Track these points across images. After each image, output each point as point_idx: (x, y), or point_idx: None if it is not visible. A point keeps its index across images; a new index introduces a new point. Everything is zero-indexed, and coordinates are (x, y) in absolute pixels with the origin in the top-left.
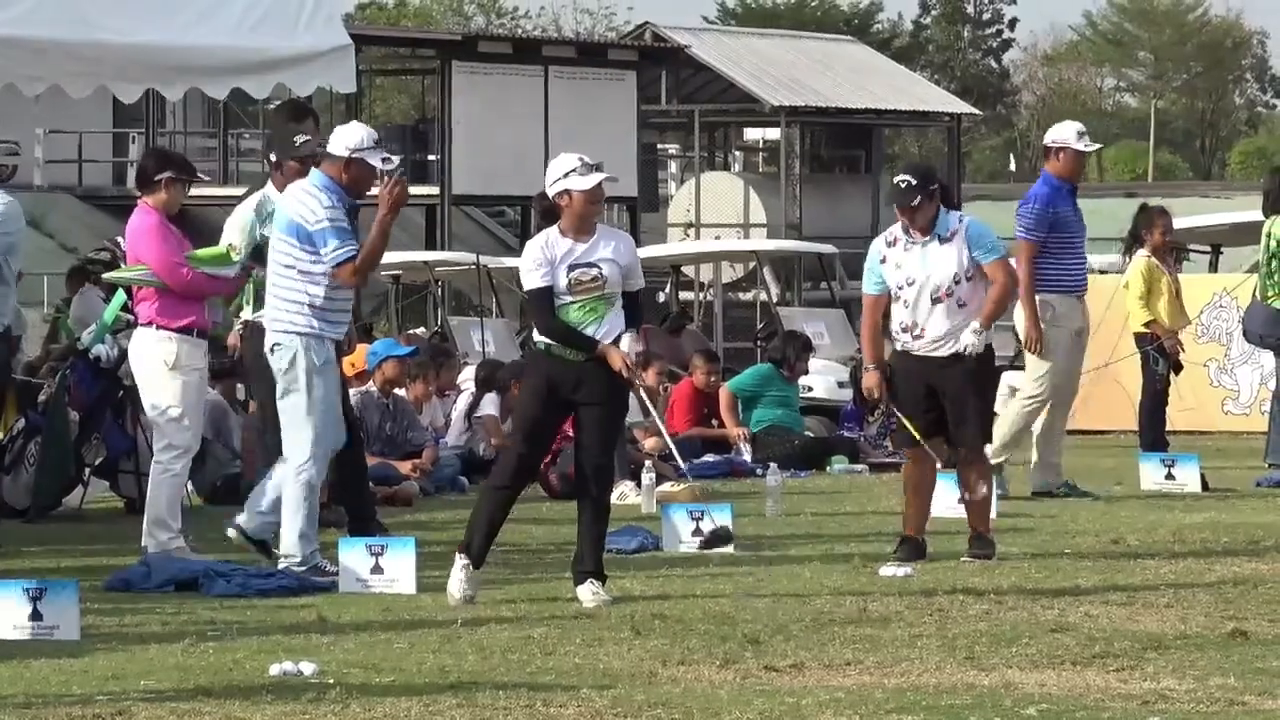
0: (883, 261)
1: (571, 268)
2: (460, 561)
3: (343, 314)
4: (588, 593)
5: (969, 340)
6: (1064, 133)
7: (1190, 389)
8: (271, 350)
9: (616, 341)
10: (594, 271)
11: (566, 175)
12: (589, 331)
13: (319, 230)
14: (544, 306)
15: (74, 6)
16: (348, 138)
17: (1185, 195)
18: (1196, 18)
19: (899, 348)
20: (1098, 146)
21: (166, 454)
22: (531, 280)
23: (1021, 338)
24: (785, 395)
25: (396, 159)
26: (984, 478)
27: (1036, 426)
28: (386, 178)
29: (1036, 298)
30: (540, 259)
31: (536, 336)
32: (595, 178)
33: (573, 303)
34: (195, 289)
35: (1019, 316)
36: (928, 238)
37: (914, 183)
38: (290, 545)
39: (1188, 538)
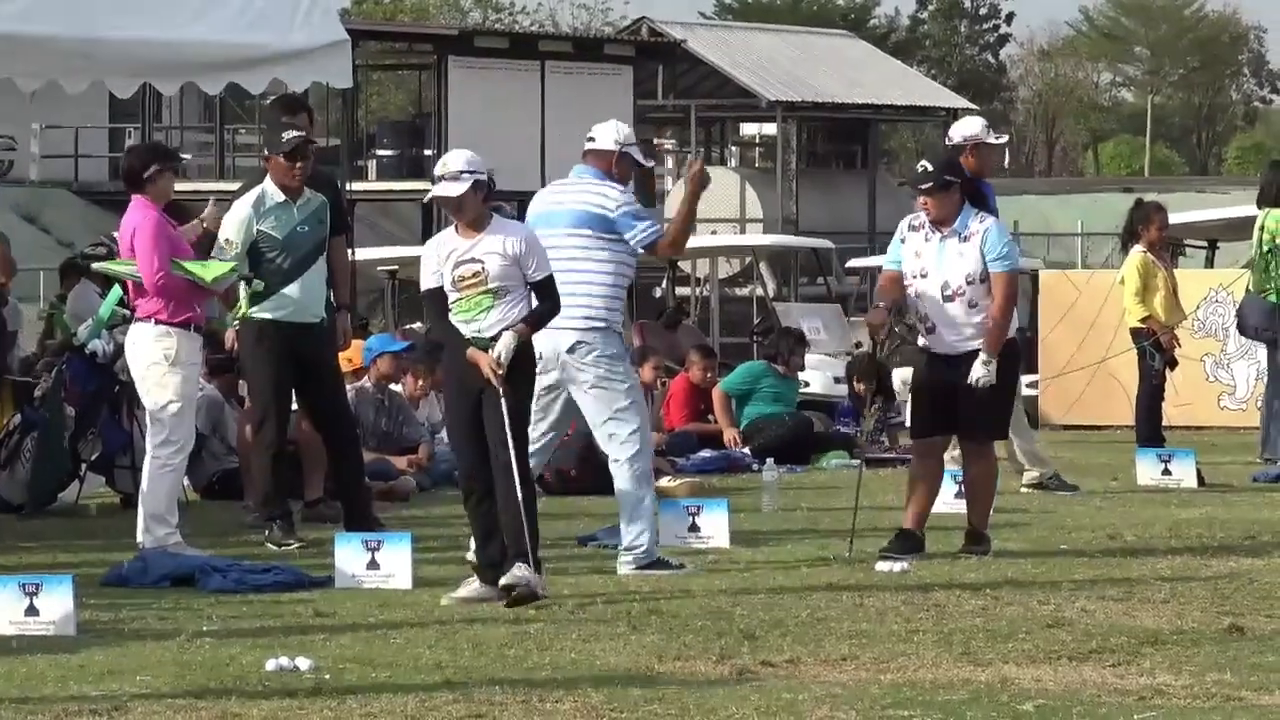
0: (903, 241)
1: (456, 264)
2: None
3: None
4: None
5: (979, 373)
6: (971, 127)
7: (1186, 384)
8: (572, 349)
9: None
10: (476, 266)
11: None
12: (475, 325)
13: (621, 215)
14: (431, 308)
15: (71, 2)
16: (615, 132)
17: (1181, 190)
18: (1193, 12)
19: (920, 344)
20: (1005, 139)
21: (164, 449)
22: (424, 281)
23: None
24: (779, 390)
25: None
26: (986, 475)
27: None
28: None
29: None
30: (431, 259)
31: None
32: (441, 188)
33: (459, 299)
34: (171, 293)
35: None
36: (947, 232)
37: (930, 169)
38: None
39: (1184, 533)
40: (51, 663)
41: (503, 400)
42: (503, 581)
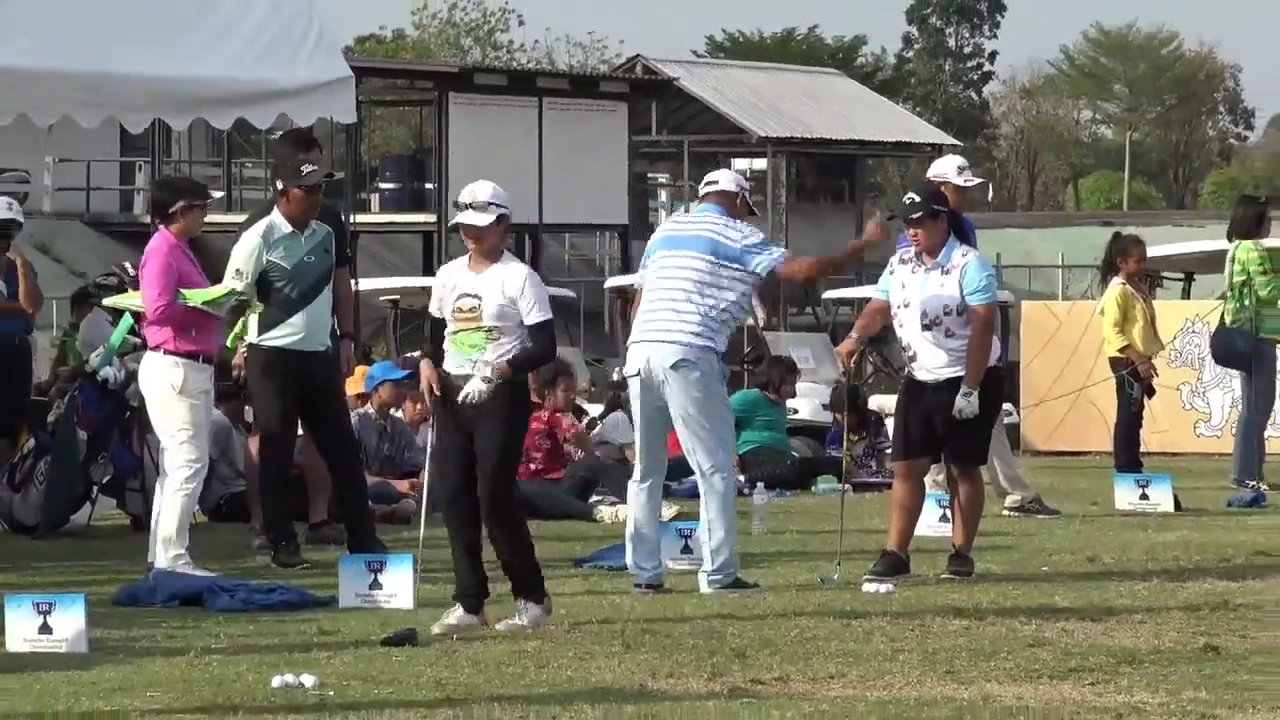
0: (891, 273)
1: (460, 295)
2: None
3: None
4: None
5: (961, 405)
6: (945, 167)
7: (1163, 412)
8: (675, 366)
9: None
10: (474, 301)
11: (459, 208)
12: (465, 365)
13: (745, 248)
14: (431, 335)
15: (84, 39)
16: (735, 177)
17: (1159, 224)
18: (1170, 52)
19: (906, 372)
20: (977, 181)
21: (179, 474)
22: (431, 307)
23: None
24: (771, 418)
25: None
26: (973, 499)
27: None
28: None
29: None
30: (439, 288)
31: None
32: (468, 215)
33: (455, 332)
34: (174, 323)
35: None
36: (931, 264)
37: (918, 200)
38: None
39: (1161, 556)
40: (64, 679)
41: (499, 431)
42: (524, 625)
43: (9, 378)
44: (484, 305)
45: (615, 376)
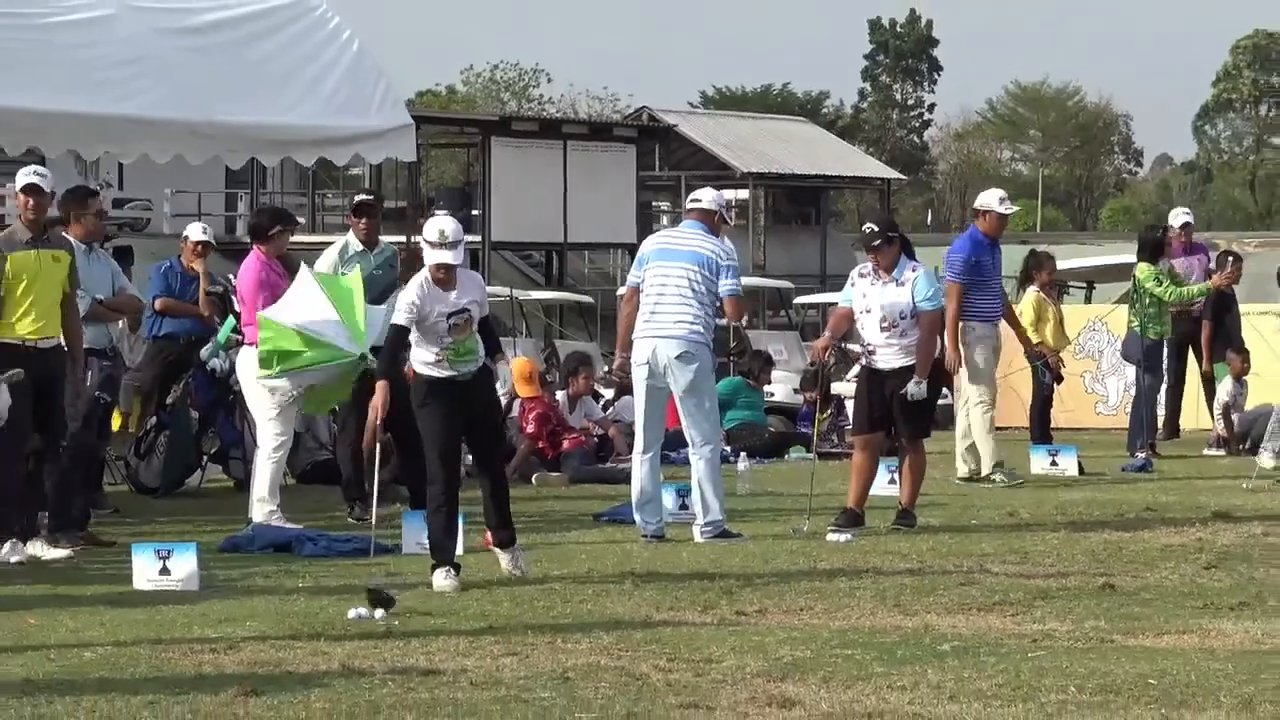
0: (853, 285)
1: (449, 315)
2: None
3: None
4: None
5: (913, 390)
6: (989, 199)
7: (1069, 394)
8: (679, 357)
9: (492, 359)
10: (465, 315)
11: (425, 248)
12: (469, 366)
13: (727, 265)
14: (393, 341)
15: (194, 94)
16: (715, 197)
17: (1066, 243)
18: (1075, 103)
19: (863, 363)
20: (1015, 209)
21: (269, 445)
22: (397, 317)
23: (945, 360)
24: (752, 400)
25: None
26: (916, 465)
27: (961, 423)
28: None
29: (960, 323)
30: (414, 303)
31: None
32: (445, 255)
33: (454, 341)
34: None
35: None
36: (888, 279)
37: (877, 229)
38: None
39: (1068, 511)
40: (180, 612)
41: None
42: (513, 570)
43: (185, 366)
44: (472, 314)
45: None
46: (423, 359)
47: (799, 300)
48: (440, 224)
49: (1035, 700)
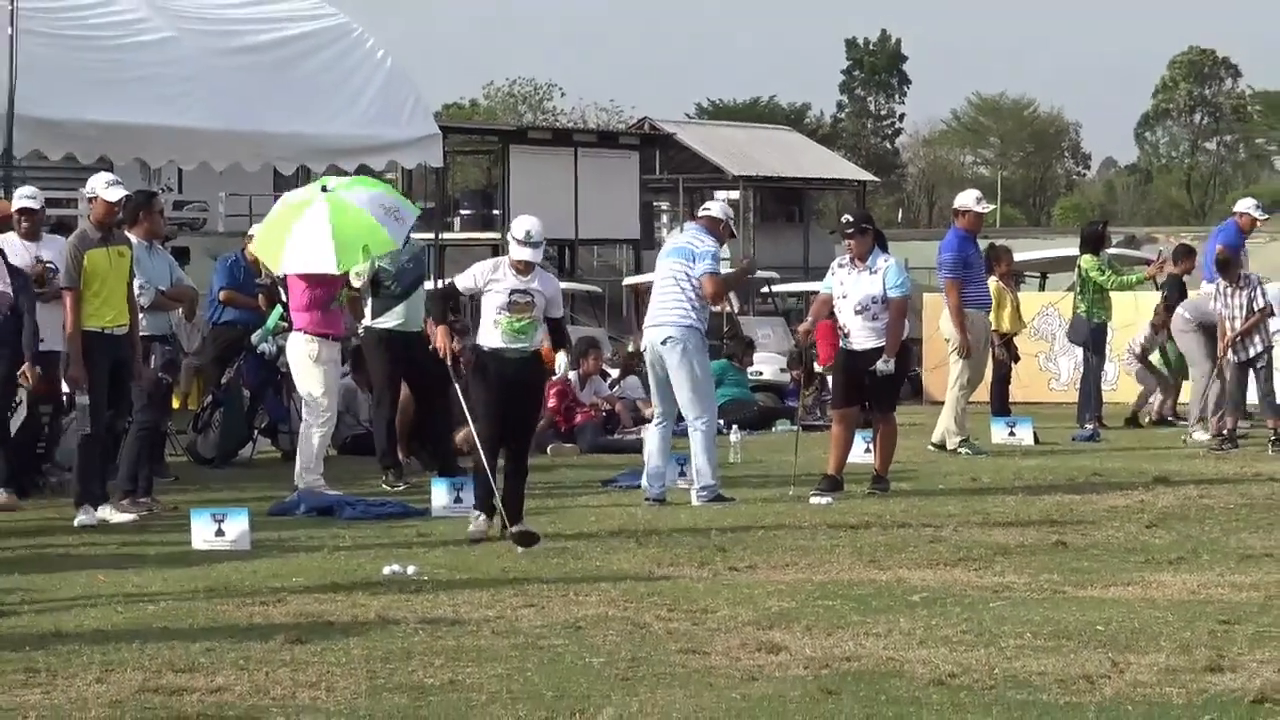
0: (832, 274)
1: (513, 292)
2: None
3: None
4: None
5: (883, 367)
6: (967, 199)
7: (1025, 372)
8: (664, 342)
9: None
10: (529, 297)
11: (512, 242)
12: (522, 343)
13: (702, 253)
14: (444, 295)
15: (248, 106)
16: (725, 207)
17: (1022, 238)
18: (1030, 113)
19: (841, 344)
20: (992, 207)
21: (314, 420)
22: (461, 280)
23: (954, 347)
24: (738, 379)
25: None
26: (888, 435)
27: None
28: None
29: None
30: (483, 275)
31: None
32: (529, 253)
33: (509, 316)
34: (310, 307)
35: (949, 329)
36: (862, 268)
37: (853, 220)
38: None
39: (1024, 477)
40: (233, 569)
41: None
42: (520, 530)
43: (238, 350)
44: (535, 301)
45: (630, 349)
46: (483, 332)
47: (780, 289)
48: (528, 224)
49: (996, 645)
